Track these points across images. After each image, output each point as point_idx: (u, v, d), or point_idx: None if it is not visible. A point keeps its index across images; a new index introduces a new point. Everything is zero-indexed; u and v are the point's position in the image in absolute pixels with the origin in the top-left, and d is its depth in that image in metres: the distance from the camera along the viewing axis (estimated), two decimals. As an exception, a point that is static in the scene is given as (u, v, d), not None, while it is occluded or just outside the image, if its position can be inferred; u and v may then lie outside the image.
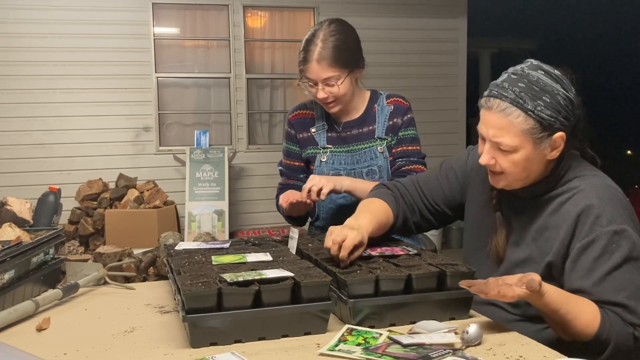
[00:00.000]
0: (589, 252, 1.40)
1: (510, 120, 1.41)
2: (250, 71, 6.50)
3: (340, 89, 1.99)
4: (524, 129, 1.40)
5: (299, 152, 2.20)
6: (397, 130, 2.09)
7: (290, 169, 2.22)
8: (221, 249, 1.77)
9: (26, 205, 2.40)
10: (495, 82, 1.47)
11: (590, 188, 1.46)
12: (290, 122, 2.21)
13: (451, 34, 7.07)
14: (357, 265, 1.50)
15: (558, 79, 1.43)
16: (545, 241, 1.49)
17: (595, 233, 1.40)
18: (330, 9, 6.53)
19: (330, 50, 1.96)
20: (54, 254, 1.89)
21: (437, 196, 1.76)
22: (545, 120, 1.40)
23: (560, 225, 1.46)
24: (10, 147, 5.85)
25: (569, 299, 1.38)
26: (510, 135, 1.42)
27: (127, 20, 6.08)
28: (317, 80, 1.99)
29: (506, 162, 1.46)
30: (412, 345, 1.22)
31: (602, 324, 1.36)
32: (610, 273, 1.38)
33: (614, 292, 1.38)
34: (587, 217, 1.42)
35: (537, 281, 1.30)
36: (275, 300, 1.32)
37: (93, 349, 1.32)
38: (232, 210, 6.12)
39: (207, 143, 5.95)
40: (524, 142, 1.42)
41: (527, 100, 1.39)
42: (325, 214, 2.15)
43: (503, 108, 1.41)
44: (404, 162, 2.07)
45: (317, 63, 1.96)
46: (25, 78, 5.84)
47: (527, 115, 1.40)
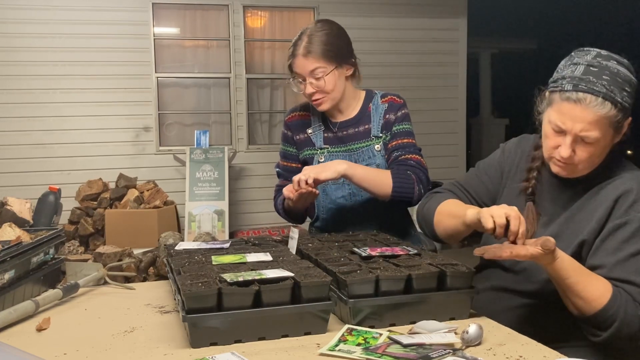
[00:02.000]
0: (619, 233, 1.43)
1: (605, 114, 1.40)
2: (250, 71, 6.51)
3: (327, 84, 2.01)
4: (612, 121, 1.41)
5: (296, 153, 2.20)
6: (391, 125, 2.09)
7: (287, 171, 2.22)
8: (221, 249, 1.77)
9: (26, 205, 2.40)
10: (577, 76, 1.43)
11: (632, 176, 1.49)
12: (286, 124, 2.22)
13: (451, 34, 7.07)
14: (357, 265, 1.50)
15: (629, 68, 1.46)
16: (579, 222, 1.50)
17: (629, 216, 1.43)
18: (330, 9, 6.54)
19: (316, 44, 2.01)
20: (54, 254, 1.89)
21: (481, 192, 1.76)
22: (628, 110, 1.43)
23: (597, 208, 1.48)
24: (10, 147, 5.85)
25: (582, 271, 1.40)
26: (600, 128, 1.41)
27: (127, 20, 6.08)
28: (304, 74, 2.02)
29: (586, 153, 1.45)
30: (412, 345, 1.22)
31: (612, 299, 1.37)
32: (635, 256, 1.40)
33: (634, 273, 1.39)
34: (625, 201, 1.45)
35: (552, 242, 1.33)
36: (275, 300, 1.32)
37: (93, 349, 1.32)
38: (232, 210, 6.12)
39: (207, 143, 5.95)
40: (607, 133, 1.43)
41: (616, 93, 1.40)
42: (325, 214, 2.14)
43: (598, 103, 1.40)
44: (400, 153, 2.05)
45: (303, 57, 2.01)
46: (25, 78, 5.85)
47: (617, 108, 1.40)
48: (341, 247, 1.74)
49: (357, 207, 2.11)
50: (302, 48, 2.02)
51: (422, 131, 7.25)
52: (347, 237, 1.89)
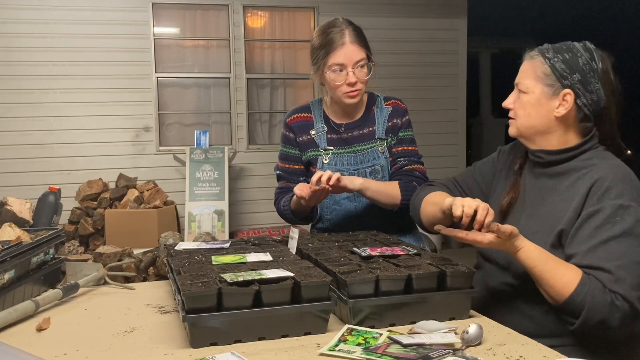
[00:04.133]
0: (592, 220, 1.44)
1: (533, 64, 1.58)
2: (250, 71, 6.50)
3: (368, 74, 2.03)
4: (539, 72, 1.56)
5: (299, 155, 2.18)
6: (397, 130, 2.12)
7: (289, 173, 2.20)
8: (221, 249, 1.77)
9: (26, 205, 2.40)
10: None
11: (607, 165, 1.52)
12: (288, 125, 2.19)
13: (451, 34, 7.07)
14: (357, 265, 1.50)
15: (588, 49, 1.55)
16: (559, 212, 1.52)
17: (602, 204, 1.44)
18: (330, 9, 6.53)
19: (360, 35, 2.03)
20: (54, 254, 1.89)
21: (474, 190, 1.81)
22: (557, 71, 1.53)
23: (574, 197, 1.50)
24: (10, 147, 5.85)
25: (549, 259, 1.43)
26: (529, 77, 1.58)
27: (127, 20, 6.08)
28: (349, 63, 1.99)
29: (519, 104, 1.60)
30: (412, 345, 1.22)
31: (579, 286, 1.38)
32: (607, 242, 1.41)
33: (605, 259, 1.40)
34: (599, 189, 1.47)
35: (509, 230, 1.39)
36: (275, 300, 1.32)
37: (93, 349, 1.32)
38: (232, 210, 6.12)
39: (207, 143, 5.95)
40: (536, 86, 1.56)
41: (550, 51, 1.57)
42: (330, 215, 2.14)
43: (532, 55, 1.60)
44: (406, 162, 2.11)
45: (351, 44, 2.00)
46: (25, 78, 5.84)
47: (544, 61, 1.56)
48: (341, 247, 1.75)
49: (361, 207, 2.12)
50: (347, 36, 2.00)
51: (422, 131, 7.25)
52: (347, 237, 1.90)
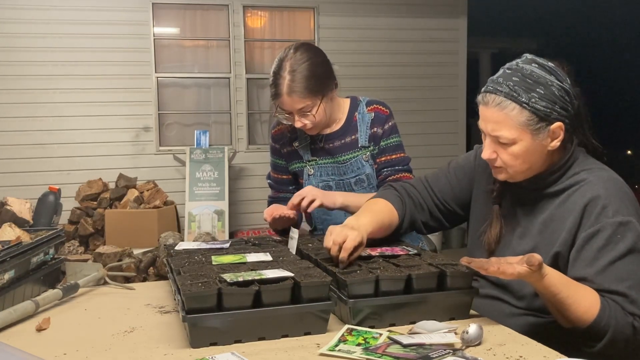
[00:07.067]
0: (594, 241, 1.41)
1: (506, 114, 1.44)
2: (250, 71, 6.50)
3: (317, 116, 1.98)
4: (520, 121, 1.43)
5: (285, 165, 2.19)
6: (379, 139, 2.07)
7: (278, 182, 2.23)
8: (221, 249, 1.77)
9: (26, 205, 2.40)
10: (491, 78, 1.50)
11: (598, 180, 1.47)
12: (273, 136, 2.19)
13: (451, 34, 7.07)
14: (357, 265, 1.50)
15: (552, 71, 1.46)
16: (552, 233, 1.49)
17: (601, 223, 1.41)
18: (330, 9, 6.54)
19: (300, 81, 1.91)
20: (54, 254, 1.89)
21: (446, 194, 1.76)
22: (540, 112, 1.42)
23: (567, 217, 1.47)
24: (10, 147, 5.85)
25: (570, 284, 1.38)
26: (508, 128, 1.44)
27: (127, 20, 6.08)
28: (292, 110, 1.97)
29: (506, 155, 1.48)
30: (412, 345, 1.22)
31: (601, 310, 1.36)
32: (614, 263, 1.39)
33: (616, 281, 1.38)
34: (594, 208, 1.43)
35: (538, 259, 1.31)
36: (275, 300, 1.32)
37: (93, 349, 1.32)
38: (232, 210, 6.12)
39: (207, 143, 5.95)
40: (522, 134, 1.44)
41: (520, 93, 1.42)
42: (322, 225, 2.14)
43: (498, 102, 1.44)
44: (390, 172, 2.06)
45: (288, 96, 1.93)
46: (25, 78, 5.84)
47: (522, 108, 1.42)
48: (341, 247, 1.74)
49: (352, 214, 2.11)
50: (285, 87, 1.92)
51: (422, 131, 7.29)
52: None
